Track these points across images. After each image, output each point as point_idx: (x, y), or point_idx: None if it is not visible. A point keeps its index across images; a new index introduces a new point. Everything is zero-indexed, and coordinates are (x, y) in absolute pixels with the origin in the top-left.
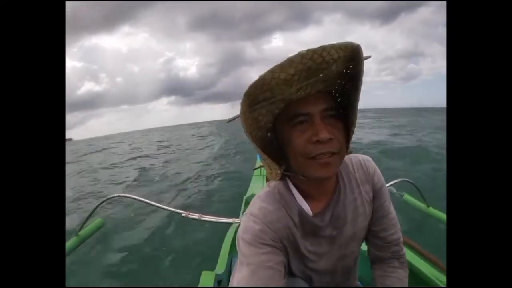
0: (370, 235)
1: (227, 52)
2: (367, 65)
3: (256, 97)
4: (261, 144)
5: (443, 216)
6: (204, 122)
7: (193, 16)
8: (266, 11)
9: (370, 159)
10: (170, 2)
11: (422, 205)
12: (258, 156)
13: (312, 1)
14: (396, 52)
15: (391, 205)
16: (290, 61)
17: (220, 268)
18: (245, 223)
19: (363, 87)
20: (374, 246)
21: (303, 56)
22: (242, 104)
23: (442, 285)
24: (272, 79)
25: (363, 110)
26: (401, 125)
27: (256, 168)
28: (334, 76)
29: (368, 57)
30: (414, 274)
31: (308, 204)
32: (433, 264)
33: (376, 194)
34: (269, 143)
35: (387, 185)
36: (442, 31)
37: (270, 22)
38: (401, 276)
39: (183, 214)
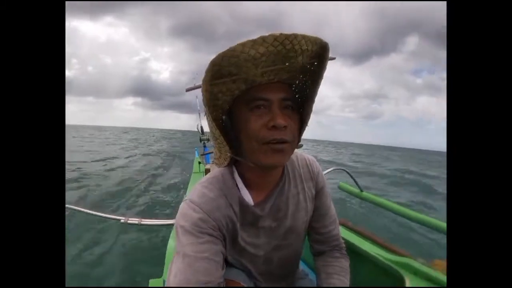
0: (312, 231)
1: (203, 64)
2: (333, 99)
3: (220, 69)
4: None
5: (376, 198)
6: (173, 129)
7: (176, 21)
8: (249, 32)
9: (315, 159)
10: (158, 2)
11: (356, 191)
12: (196, 152)
13: (306, 1)
14: (362, 92)
15: (332, 203)
16: (263, 39)
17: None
18: (184, 210)
19: (327, 121)
20: (316, 241)
21: (275, 38)
22: (206, 73)
23: (384, 260)
24: (242, 53)
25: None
26: None
27: (202, 154)
28: (298, 69)
29: (333, 58)
30: (358, 254)
31: (251, 193)
32: (373, 241)
33: (319, 193)
34: (222, 126)
35: (324, 172)
36: (407, 78)
37: None
38: (343, 265)
39: (122, 220)
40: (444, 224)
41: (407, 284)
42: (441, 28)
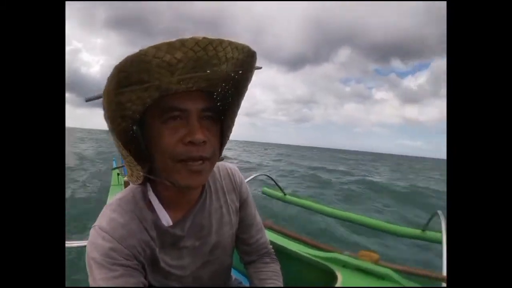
0: (240, 242)
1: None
2: (267, 103)
3: (128, 75)
4: (122, 138)
5: (299, 200)
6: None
7: (114, 13)
8: (187, 29)
9: (237, 168)
10: None
11: (279, 194)
12: (114, 160)
13: (277, 0)
14: (294, 97)
15: (257, 212)
16: (181, 43)
17: None
18: (94, 239)
19: (261, 123)
20: (245, 252)
21: (196, 43)
22: (110, 80)
23: (313, 257)
24: (154, 58)
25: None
26: None
27: (114, 168)
28: (220, 77)
29: (259, 68)
30: (286, 255)
31: (169, 213)
32: (299, 241)
33: (243, 204)
34: (133, 139)
35: (247, 180)
36: (337, 86)
37: None
38: (275, 269)
39: None
40: (350, 215)
41: (339, 277)
42: (372, 42)
